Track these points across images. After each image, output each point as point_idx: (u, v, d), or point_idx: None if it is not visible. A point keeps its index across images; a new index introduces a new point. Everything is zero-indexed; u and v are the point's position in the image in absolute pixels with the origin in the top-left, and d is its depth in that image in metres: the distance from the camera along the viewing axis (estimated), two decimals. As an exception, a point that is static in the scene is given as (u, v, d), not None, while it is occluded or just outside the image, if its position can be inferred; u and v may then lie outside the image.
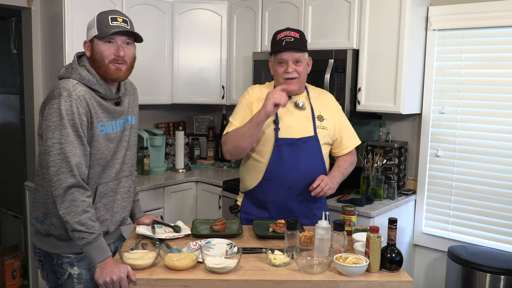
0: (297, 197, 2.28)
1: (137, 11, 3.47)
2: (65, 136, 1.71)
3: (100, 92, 1.83)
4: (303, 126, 2.28)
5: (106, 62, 1.82)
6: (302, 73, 2.24)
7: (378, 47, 2.97)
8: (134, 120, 2.05)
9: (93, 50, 1.84)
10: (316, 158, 2.30)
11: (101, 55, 1.82)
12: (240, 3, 3.70)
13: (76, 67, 1.83)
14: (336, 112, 2.39)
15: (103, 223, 1.91)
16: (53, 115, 1.73)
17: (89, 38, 1.85)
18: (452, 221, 3.09)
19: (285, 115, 2.27)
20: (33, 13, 3.28)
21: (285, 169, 2.24)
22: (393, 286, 1.70)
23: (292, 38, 2.20)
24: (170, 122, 4.24)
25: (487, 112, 2.92)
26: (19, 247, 3.92)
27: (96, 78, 1.83)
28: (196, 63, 3.84)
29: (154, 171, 3.76)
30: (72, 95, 1.74)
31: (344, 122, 2.42)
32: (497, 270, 2.60)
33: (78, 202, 1.70)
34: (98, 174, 1.86)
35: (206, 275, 1.69)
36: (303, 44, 2.24)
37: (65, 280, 1.87)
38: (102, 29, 1.81)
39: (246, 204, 2.39)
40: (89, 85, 1.81)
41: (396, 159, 3.11)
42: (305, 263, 1.73)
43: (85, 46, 1.87)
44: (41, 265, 1.93)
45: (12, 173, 4.09)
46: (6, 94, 4.14)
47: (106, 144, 1.86)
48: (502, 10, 2.78)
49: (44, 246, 1.89)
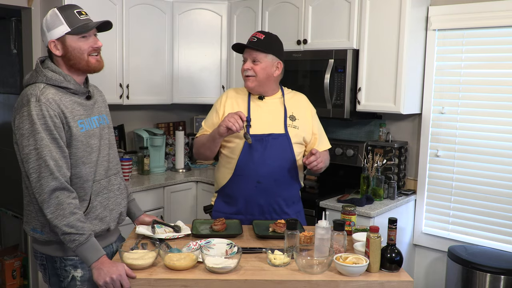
0: (266, 192, 2.30)
1: (137, 11, 3.47)
2: (39, 141, 1.69)
3: (70, 89, 1.81)
4: (274, 123, 2.33)
5: (86, 56, 1.82)
6: (259, 72, 2.28)
7: (378, 47, 2.97)
8: (109, 120, 2.02)
9: (66, 47, 1.80)
10: (286, 155, 2.31)
11: (79, 50, 1.80)
12: (240, 3, 3.70)
13: (40, 70, 1.79)
14: (309, 114, 2.43)
15: (103, 220, 1.90)
16: (24, 122, 1.71)
17: (57, 36, 1.78)
18: (452, 221, 3.09)
19: (257, 112, 2.33)
20: (33, 13, 3.28)
21: (254, 164, 2.27)
22: (393, 286, 1.70)
23: (256, 39, 2.28)
24: (170, 122, 4.23)
25: (487, 112, 2.92)
26: (19, 247, 3.91)
27: (63, 75, 1.80)
28: (196, 63, 3.84)
29: (154, 171, 3.76)
30: (41, 99, 1.71)
31: (317, 123, 2.46)
32: (497, 270, 2.60)
33: (64, 205, 1.69)
34: (88, 172, 1.84)
35: (206, 275, 1.69)
36: (265, 45, 2.28)
37: (69, 282, 1.85)
38: (74, 24, 1.78)
39: (218, 203, 2.42)
40: (58, 84, 1.78)
41: (396, 159, 3.11)
42: (305, 263, 1.73)
43: (51, 46, 1.80)
44: (43, 268, 1.91)
45: (12, 173, 4.08)
46: (6, 94, 4.14)
47: (87, 141, 1.83)
48: (502, 10, 2.78)
49: (47, 250, 1.87)
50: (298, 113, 2.37)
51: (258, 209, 2.31)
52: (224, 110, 2.37)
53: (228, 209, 2.37)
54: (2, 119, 4.26)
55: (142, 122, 4.02)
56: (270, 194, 2.31)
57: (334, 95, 3.07)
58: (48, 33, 1.80)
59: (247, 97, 2.38)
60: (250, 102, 2.36)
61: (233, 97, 2.40)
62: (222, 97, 2.44)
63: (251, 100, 2.37)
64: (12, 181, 4.05)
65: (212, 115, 2.42)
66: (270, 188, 2.29)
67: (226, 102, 2.39)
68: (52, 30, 1.79)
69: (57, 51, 1.81)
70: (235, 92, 2.43)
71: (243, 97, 2.39)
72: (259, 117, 2.33)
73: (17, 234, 3.99)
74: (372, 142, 3.21)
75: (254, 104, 2.36)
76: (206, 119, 2.45)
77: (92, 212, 1.87)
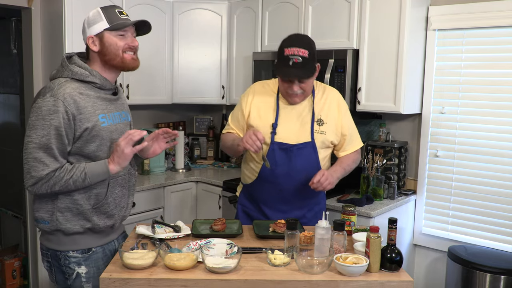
0: (289, 201, 2.30)
1: (137, 11, 3.47)
2: (40, 137, 1.71)
3: (96, 83, 1.83)
4: (301, 130, 2.25)
5: (121, 53, 1.85)
6: (307, 89, 2.20)
7: (378, 47, 2.97)
8: (130, 117, 2.05)
9: (103, 43, 1.83)
10: (311, 164, 2.26)
11: (115, 46, 1.83)
12: (240, 3, 3.70)
13: (66, 65, 1.82)
14: (339, 114, 2.31)
15: (110, 217, 1.92)
16: (33, 114, 1.74)
17: (96, 32, 1.82)
18: (451, 221, 3.09)
19: (285, 118, 2.26)
20: (33, 13, 3.28)
21: (277, 173, 2.25)
22: (393, 286, 1.70)
23: (300, 58, 2.08)
24: (170, 122, 4.24)
25: (487, 112, 2.92)
26: (19, 247, 3.91)
27: (89, 70, 1.82)
28: (196, 63, 3.84)
29: (154, 171, 3.76)
30: (57, 95, 1.72)
31: (348, 122, 2.34)
32: (497, 270, 2.60)
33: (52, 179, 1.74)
34: None
35: (206, 275, 1.69)
36: (311, 66, 2.14)
37: (74, 279, 1.86)
38: (113, 21, 1.82)
39: (243, 196, 2.42)
40: (83, 79, 1.80)
41: (396, 159, 3.11)
42: (305, 263, 1.73)
43: (89, 42, 1.84)
44: (49, 266, 1.91)
45: (12, 173, 4.09)
46: (6, 94, 4.14)
47: (109, 136, 1.85)
48: (502, 10, 2.78)
49: (51, 244, 1.87)
50: (326, 116, 2.27)
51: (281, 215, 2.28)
52: (250, 110, 2.28)
53: (253, 210, 2.37)
54: (2, 119, 4.26)
55: (142, 122, 4.02)
56: (293, 202, 2.31)
57: (334, 95, 3.07)
58: (88, 29, 1.84)
59: (275, 98, 2.27)
60: (279, 105, 2.26)
61: (260, 95, 2.29)
62: (248, 93, 2.32)
63: (280, 102, 2.26)
64: (12, 181, 4.05)
65: (238, 113, 2.34)
66: (293, 198, 2.29)
67: (253, 102, 2.29)
68: (92, 26, 1.83)
69: (94, 46, 1.84)
70: (262, 88, 2.31)
71: (271, 97, 2.28)
72: (286, 124, 2.25)
73: (17, 234, 3.99)
74: (372, 142, 3.21)
75: (283, 107, 2.26)
76: (232, 114, 2.38)
77: (104, 208, 1.88)
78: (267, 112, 2.27)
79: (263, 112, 2.27)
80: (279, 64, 2.15)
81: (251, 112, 2.28)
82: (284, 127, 2.25)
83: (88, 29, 1.85)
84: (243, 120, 2.32)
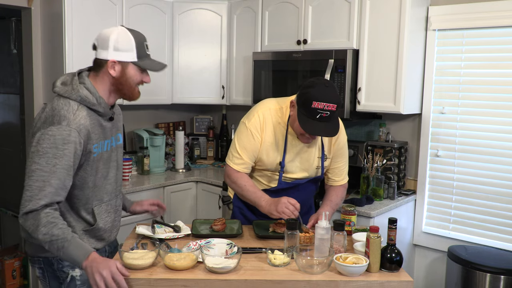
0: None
1: (137, 11, 3.47)
2: (51, 166, 1.65)
3: (99, 112, 1.79)
4: (309, 164, 2.23)
5: (134, 86, 1.83)
6: None
7: (378, 47, 2.97)
8: (121, 138, 2.01)
9: (123, 72, 1.78)
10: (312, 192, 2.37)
11: (132, 80, 1.80)
12: (240, 3, 3.70)
13: (76, 87, 1.74)
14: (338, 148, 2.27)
15: (101, 240, 1.90)
16: (46, 141, 1.66)
17: (122, 59, 1.76)
18: (453, 220, 3.09)
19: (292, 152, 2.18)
20: (33, 13, 3.28)
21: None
22: (393, 286, 1.70)
23: (329, 113, 1.94)
24: (170, 122, 4.24)
25: (487, 112, 2.92)
26: (19, 247, 3.91)
27: (96, 97, 1.77)
28: (196, 63, 3.84)
29: (154, 171, 3.76)
30: (72, 125, 1.68)
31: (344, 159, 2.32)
32: (497, 270, 2.60)
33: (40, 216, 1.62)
34: (90, 196, 1.83)
35: (206, 275, 1.69)
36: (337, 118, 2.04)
37: (68, 283, 1.84)
38: (142, 57, 1.79)
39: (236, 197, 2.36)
40: (89, 106, 1.76)
41: (396, 159, 3.11)
42: (305, 263, 1.73)
43: (109, 65, 1.76)
44: (42, 272, 1.89)
45: (12, 173, 4.09)
46: (6, 94, 4.14)
47: (97, 165, 1.82)
48: (502, 10, 2.78)
49: (43, 253, 1.82)
50: (328, 149, 2.25)
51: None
52: (263, 139, 2.15)
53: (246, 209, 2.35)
54: (2, 119, 4.26)
55: (142, 122, 4.02)
56: None
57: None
58: (113, 51, 1.76)
59: (285, 131, 2.15)
60: (287, 138, 2.16)
61: (271, 123, 2.15)
62: (259, 119, 2.15)
63: (288, 134, 2.15)
64: (12, 181, 4.06)
65: (250, 142, 2.15)
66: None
67: (266, 130, 2.15)
68: (119, 51, 1.76)
69: (113, 71, 1.77)
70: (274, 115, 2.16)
71: (282, 127, 2.15)
72: (295, 159, 2.20)
73: (17, 234, 3.98)
74: (372, 142, 3.21)
75: (291, 140, 2.17)
76: (239, 145, 2.17)
77: (94, 233, 1.87)
78: (277, 147, 2.18)
79: (272, 146, 2.18)
80: (303, 115, 1.98)
81: (265, 141, 2.17)
82: (293, 164, 2.22)
83: (113, 52, 1.76)
84: (256, 153, 2.18)
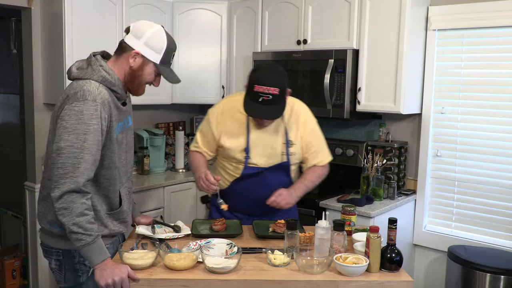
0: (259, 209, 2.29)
1: (137, 11, 3.47)
2: (81, 142, 1.66)
3: (118, 93, 1.81)
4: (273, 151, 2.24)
5: (144, 84, 1.87)
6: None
7: (378, 47, 2.97)
8: (131, 121, 2.04)
9: (141, 67, 1.81)
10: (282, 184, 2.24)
11: (145, 77, 1.84)
12: (240, 3, 3.70)
13: (97, 68, 1.76)
14: (305, 132, 2.27)
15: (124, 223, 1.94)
16: (72, 117, 1.66)
17: (146, 55, 1.79)
18: (455, 218, 3.10)
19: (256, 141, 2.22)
20: (33, 13, 3.28)
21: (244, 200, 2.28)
22: (393, 286, 1.70)
23: (271, 96, 2.01)
24: (170, 122, 4.24)
25: (488, 112, 2.92)
26: (19, 247, 3.91)
27: (115, 79, 1.79)
28: (196, 63, 3.84)
29: (154, 171, 3.76)
30: (97, 99, 1.70)
31: (315, 138, 2.30)
32: (497, 270, 2.60)
33: (77, 204, 1.65)
34: (117, 176, 1.85)
35: (206, 275, 1.69)
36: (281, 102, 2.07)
37: (88, 277, 1.82)
38: (164, 63, 1.83)
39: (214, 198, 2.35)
40: (110, 87, 1.78)
41: (396, 159, 3.11)
42: (305, 263, 1.73)
43: (132, 54, 1.79)
44: (58, 264, 1.87)
45: (12, 173, 4.09)
46: (6, 94, 4.14)
47: (119, 145, 1.86)
48: (502, 10, 2.78)
49: (63, 245, 1.82)
50: (295, 137, 2.25)
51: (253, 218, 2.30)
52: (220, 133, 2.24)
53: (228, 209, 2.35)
54: (2, 119, 4.26)
55: (142, 122, 4.02)
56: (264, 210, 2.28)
57: (334, 95, 3.07)
58: (143, 45, 1.79)
59: (246, 119, 2.21)
60: (249, 127, 2.22)
61: (230, 115, 2.23)
62: (217, 111, 2.27)
63: (250, 123, 2.21)
64: (12, 181, 4.05)
65: (208, 133, 2.29)
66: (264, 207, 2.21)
67: (224, 123, 2.23)
68: (148, 48, 1.80)
69: (133, 62, 1.80)
70: (232, 106, 2.25)
71: (242, 118, 2.21)
72: (258, 145, 2.22)
73: (17, 234, 3.99)
74: (372, 142, 3.21)
75: (254, 128, 2.21)
76: (200, 131, 2.33)
77: (118, 215, 1.90)
78: (239, 134, 2.22)
79: (234, 133, 2.22)
80: (247, 98, 2.08)
81: (222, 134, 2.25)
82: (257, 150, 2.22)
83: (143, 45, 1.79)
84: (213, 141, 2.28)
